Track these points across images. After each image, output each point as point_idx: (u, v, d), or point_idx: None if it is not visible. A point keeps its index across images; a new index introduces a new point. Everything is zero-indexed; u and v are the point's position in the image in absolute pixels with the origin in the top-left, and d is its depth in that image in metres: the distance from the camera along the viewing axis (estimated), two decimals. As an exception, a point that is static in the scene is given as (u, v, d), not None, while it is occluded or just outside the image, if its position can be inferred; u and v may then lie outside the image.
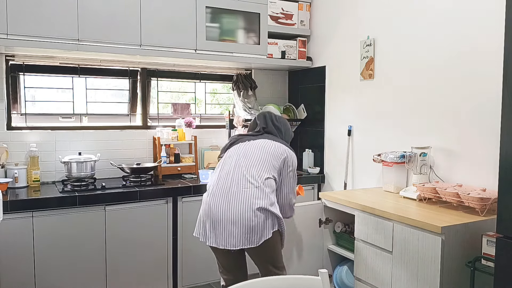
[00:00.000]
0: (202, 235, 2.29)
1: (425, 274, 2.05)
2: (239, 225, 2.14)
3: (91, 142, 3.37)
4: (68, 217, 2.77)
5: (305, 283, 1.34)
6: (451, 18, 2.57)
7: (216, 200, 2.23)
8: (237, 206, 2.17)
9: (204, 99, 3.97)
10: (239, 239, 2.15)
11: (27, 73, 3.24)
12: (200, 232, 2.31)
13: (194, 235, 2.35)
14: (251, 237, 2.14)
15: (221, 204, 2.21)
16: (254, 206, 2.16)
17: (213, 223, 2.21)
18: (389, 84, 3.02)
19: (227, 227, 2.16)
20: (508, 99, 1.58)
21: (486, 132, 2.38)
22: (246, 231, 2.14)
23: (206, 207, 2.27)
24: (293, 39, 3.74)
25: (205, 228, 2.26)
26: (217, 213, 2.20)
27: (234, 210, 2.17)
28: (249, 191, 2.20)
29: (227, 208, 2.18)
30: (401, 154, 2.73)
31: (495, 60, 2.29)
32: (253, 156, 2.33)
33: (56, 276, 2.76)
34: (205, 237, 2.27)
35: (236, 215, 2.16)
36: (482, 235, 1.98)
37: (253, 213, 2.14)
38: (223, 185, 2.27)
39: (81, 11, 2.88)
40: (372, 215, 2.37)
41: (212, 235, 2.21)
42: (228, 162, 2.37)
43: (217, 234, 2.19)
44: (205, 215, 2.26)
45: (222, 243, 2.17)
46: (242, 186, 2.22)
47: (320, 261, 2.89)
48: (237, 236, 2.15)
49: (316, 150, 3.78)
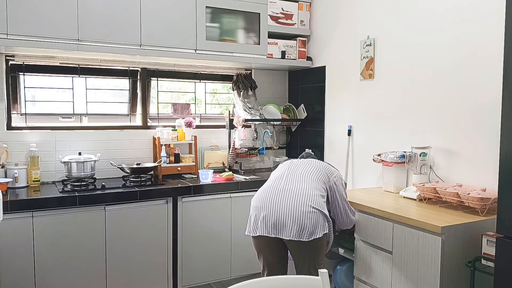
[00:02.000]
0: (253, 230, 2.30)
1: (425, 274, 2.05)
2: (293, 218, 2.18)
3: (91, 142, 3.37)
4: (68, 217, 2.77)
5: (305, 283, 1.34)
6: (451, 18, 2.57)
7: (271, 195, 2.29)
8: (292, 199, 2.23)
9: (204, 99, 3.97)
10: (290, 231, 2.18)
11: (27, 73, 3.24)
12: (251, 229, 2.32)
13: (246, 233, 2.36)
14: (302, 231, 2.17)
15: (276, 197, 2.27)
16: (309, 202, 2.21)
17: (267, 215, 2.24)
18: (389, 84, 3.02)
19: (281, 218, 2.20)
20: (508, 99, 1.58)
21: (486, 132, 2.38)
22: (299, 225, 2.17)
23: (260, 202, 2.30)
24: (293, 39, 3.74)
25: (256, 221, 2.28)
26: (272, 205, 2.24)
27: (290, 203, 2.22)
28: (305, 188, 2.27)
29: (283, 201, 2.24)
30: (401, 154, 2.73)
31: (495, 60, 2.29)
32: (305, 166, 2.43)
33: (56, 276, 2.76)
34: (256, 230, 2.28)
35: (291, 207, 2.20)
36: (482, 235, 1.98)
37: (308, 208, 2.19)
38: (278, 184, 2.34)
39: (81, 11, 2.88)
40: (372, 215, 2.37)
41: (263, 226, 2.24)
42: (280, 170, 2.46)
43: (268, 224, 2.22)
44: (258, 209, 2.29)
45: (274, 232, 2.21)
46: (297, 184, 2.30)
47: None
48: (290, 228, 2.18)
49: (316, 150, 3.78)
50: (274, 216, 2.21)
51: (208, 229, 3.27)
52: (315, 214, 2.18)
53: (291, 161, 2.54)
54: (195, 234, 3.21)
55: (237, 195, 3.35)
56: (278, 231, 2.20)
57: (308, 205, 2.19)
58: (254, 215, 2.31)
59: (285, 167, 2.47)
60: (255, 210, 2.32)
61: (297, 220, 2.17)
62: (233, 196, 3.33)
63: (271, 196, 2.28)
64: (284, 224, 2.18)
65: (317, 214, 2.19)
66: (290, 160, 2.56)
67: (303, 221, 2.16)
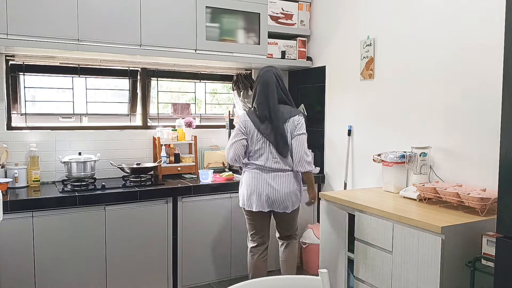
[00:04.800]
0: (248, 205, 2.79)
1: (425, 274, 2.05)
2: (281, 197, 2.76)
3: (91, 142, 3.37)
4: (68, 217, 2.77)
5: (305, 283, 1.34)
6: (451, 18, 2.57)
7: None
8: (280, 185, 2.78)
9: (204, 99, 3.97)
10: (279, 206, 2.77)
11: (27, 73, 3.24)
12: (246, 204, 2.80)
13: (241, 206, 2.86)
14: (286, 206, 2.78)
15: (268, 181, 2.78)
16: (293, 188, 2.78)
17: (266, 195, 2.76)
18: (389, 84, 3.02)
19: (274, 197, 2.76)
20: (508, 99, 1.58)
21: (486, 132, 2.38)
22: (284, 202, 2.77)
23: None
24: (293, 39, 3.74)
25: (250, 199, 2.78)
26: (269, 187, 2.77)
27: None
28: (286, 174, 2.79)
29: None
30: (401, 154, 2.73)
31: (495, 61, 2.29)
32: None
33: (56, 276, 2.76)
34: (250, 206, 2.78)
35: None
36: (482, 235, 1.98)
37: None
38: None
39: (81, 11, 2.88)
40: (372, 215, 2.37)
41: (259, 204, 2.75)
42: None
43: (262, 202, 2.75)
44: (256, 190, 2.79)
45: (271, 207, 2.77)
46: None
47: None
48: (279, 204, 2.76)
49: (316, 150, 3.78)
50: (264, 196, 2.77)
51: (208, 229, 3.27)
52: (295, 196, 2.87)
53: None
54: (195, 234, 3.21)
55: (237, 195, 3.35)
56: (275, 207, 2.80)
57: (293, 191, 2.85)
58: (248, 192, 2.82)
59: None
60: (250, 188, 2.86)
61: (284, 200, 2.79)
62: (233, 196, 3.33)
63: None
64: (275, 203, 2.78)
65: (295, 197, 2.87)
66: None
67: (288, 201, 2.81)
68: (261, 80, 2.78)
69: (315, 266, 3.33)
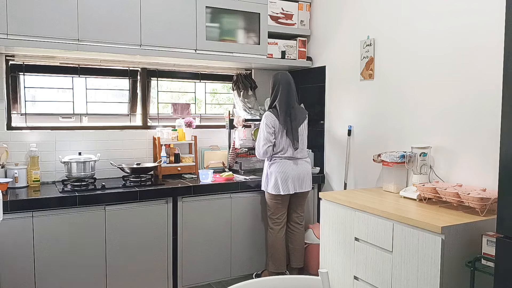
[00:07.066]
0: (284, 189, 3.18)
1: (425, 274, 2.05)
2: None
3: (91, 142, 3.37)
4: (68, 217, 2.77)
5: (305, 283, 1.34)
6: (451, 18, 2.57)
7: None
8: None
9: (204, 99, 3.97)
10: (303, 185, 3.26)
11: (27, 73, 3.24)
12: (282, 188, 3.18)
13: (276, 193, 3.17)
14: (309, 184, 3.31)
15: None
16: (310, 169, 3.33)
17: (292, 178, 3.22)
18: (389, 84, 3.02)
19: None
20: (508, 99, 1.58)
21: (486, 132, 2.38)
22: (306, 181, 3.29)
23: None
24: (293, 39, 3.74)
25: (287, 183, 3.19)
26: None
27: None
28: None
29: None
30: (401, 154, 2.73)
31: (495, 61, 2.29)
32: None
33: (56, 276, 2.76)
34: (287, 190, 3.19)
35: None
36: (482, 235, 1.98)
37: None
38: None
39: (81, 11, 2.88)
40: (372, 215, 2.37)
41: (292, 187, 3.19)
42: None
43: (295, 185, 3.21)
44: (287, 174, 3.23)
45: (297, 189, 3.24)
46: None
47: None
48: (304, 183, 3.26)
49: (316, 150, 3.78)
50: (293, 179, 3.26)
51: (208, 229, 3.27)
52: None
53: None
54: (195, 234, 3.21)
55: (237, 195, 3.35)
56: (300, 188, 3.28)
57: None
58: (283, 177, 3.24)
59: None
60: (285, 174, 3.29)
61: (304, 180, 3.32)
62: (233, 196, 3.33)
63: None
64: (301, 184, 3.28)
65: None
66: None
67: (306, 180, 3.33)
68: (283, 81, 3.21)
69: (315, 266, 3.33)
